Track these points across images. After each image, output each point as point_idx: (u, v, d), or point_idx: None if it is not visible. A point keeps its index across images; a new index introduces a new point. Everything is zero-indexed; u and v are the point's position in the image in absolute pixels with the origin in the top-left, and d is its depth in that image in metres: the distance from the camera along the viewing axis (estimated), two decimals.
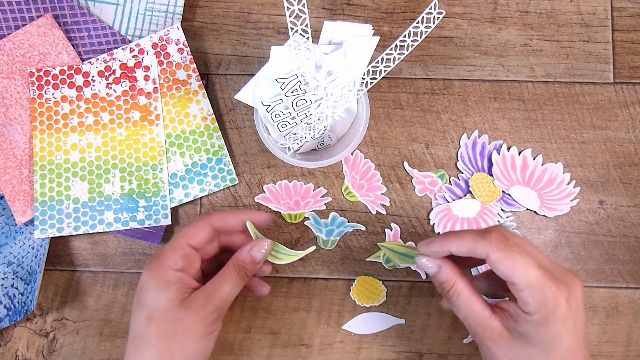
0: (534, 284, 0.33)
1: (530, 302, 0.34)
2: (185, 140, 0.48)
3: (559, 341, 0.33)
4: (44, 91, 0.47)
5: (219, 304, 0.37)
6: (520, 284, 0.34)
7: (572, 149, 0.48)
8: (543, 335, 0.34)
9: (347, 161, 0.48)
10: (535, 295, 0.33)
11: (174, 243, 0.39)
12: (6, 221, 0.47)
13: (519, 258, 0.34)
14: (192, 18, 0.50)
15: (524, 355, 0.34)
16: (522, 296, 0.34)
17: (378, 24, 0.49)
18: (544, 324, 0.33)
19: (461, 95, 0.49)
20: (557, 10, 0.49)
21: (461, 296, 0.36)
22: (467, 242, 0.35)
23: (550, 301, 0.33)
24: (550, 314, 0.33)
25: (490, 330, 0.35)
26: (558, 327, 0.33)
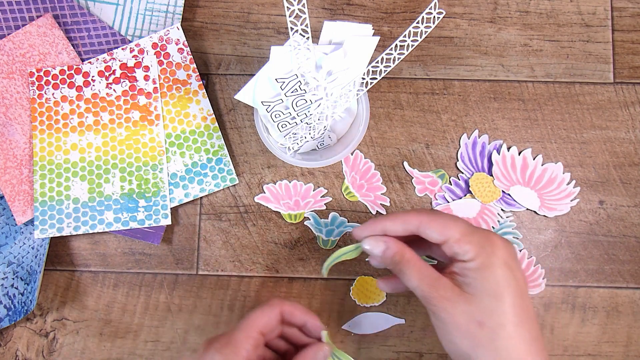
0: (467, 231, 0.35)
1: (468, 249, 0.35)
2: (185, 140, 0.48)
3: (508, 284, 0.34)
4: (44, 91, 0.47)
5: None
6: (455, 235, 0.35)
7: (572, 149, 0.48)
8: (491, 279, 0.34)
9: (347, 161, 0.48)
10: (472, 241, 0.35)
11: (247, 330, 0.37)
12: (6, 221, 0.47)
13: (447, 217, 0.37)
14: (192, 18, 0.50)
15: (480, 307, 0.34)
16: (460, 246, 0.35)
17: (378, 24, 0.49)
18: (488, 267, 0.34)
19: (461, 95, 0.49)
20: (557, 10, 0.49)
21: (411, 263, 0.37)
22: (399, 217, 0.37)
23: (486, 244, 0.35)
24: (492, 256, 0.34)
25: (444, 288, 0.35)
26: (503, 270, 0.34)
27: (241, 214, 0.48)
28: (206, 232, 0.48)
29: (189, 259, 0.48)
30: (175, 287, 0.48)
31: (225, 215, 0.48)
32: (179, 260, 0.48)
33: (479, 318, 0.34)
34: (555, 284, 0.47)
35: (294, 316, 0.40)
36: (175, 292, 0.48)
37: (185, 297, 0.47)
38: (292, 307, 0.40)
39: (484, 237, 0.35)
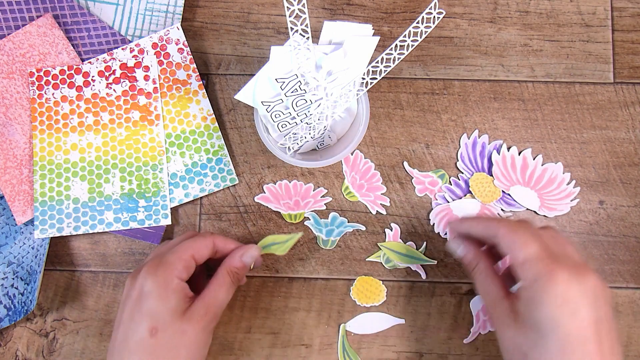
0: (531, 258, 0.34)
1: (526, 277, 0.33)
2: (185, 140, 0.48)
3: (556, 325, 0.32)
4: (44, 91, 0.47)
5: (217, 311, 0.38)
6: (519, 258, 0.34)
7: (572, 149, 0.48)
8: (536, 315, 0.32)
9: (347, 161, 0.48)
10: (530, 269, 0.33)
11: (180, 253, 0.38)
12: (6, 221, 0.47)
13: (522, 234, 0.35)
14: (192, 18, 0.50)
15: (526, 339, 0.33)
16: (519, 272, 0.34)
17: (378, 24, 0.49)
18: (536, 302, 0.32)
19: (461, 95, 0.49)
20: (557, 10, 0.49)
21: (482, 275, 0.38)
22: (483, 222, 0.38)
23: (543, 277, 0.32)
24: (543, 291, 0.32)
25: (501, 310, 0.35)
26: (552, 309, 0.32)
27: (241, 214, 0.48)
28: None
29: None
30: None
31: (225, 215, 0.48)
32: None
33: (524, 349, 0.33)
34: None
35: (226, 248, 0.41)
36: None
37: None
38: (225, 240, 0.41)
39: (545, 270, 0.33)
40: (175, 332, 0.36)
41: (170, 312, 0.36)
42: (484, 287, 0.37)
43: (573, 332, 0.32)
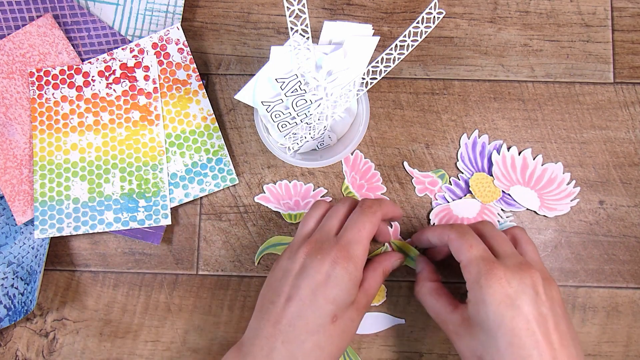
0: (473, 259, 0.35)
1: (468, 278, 0.35)
2: (185, 140, 0.48)
3: (501, 322, 0.33)
4: (44, 91, 0.47)
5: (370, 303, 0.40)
6: (464, 261, 0.36)
7: (572, 149, 0.48)
8: (482, 315, 0.34)
9: (347, 161, 0.48)
10: (472, 270, 0.35)
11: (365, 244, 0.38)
12: (6, 221, 0.47)
13: (469, 239, 0.37)
14: (192, 18, 0.50)
15: (478, 342, 0.34)
16: (465, 274, 0.36)
17: (378, 24, 0.49)
18: (480, 302, 0.34)
19: (461, 95, 0.49)
20: (557, 10, 0.49)
21: (428, 295, 0.40)
22: (437, 230, 0.40)
23: (483, 276, 0.34)
24: (484, 290, 0.33)
25: (453, 322, 0.36)
26: (495, 306, 0.33)
27: (241, 214, 0.48)
28: (206, 232, 0.48)
29: (189, 259, 0.48)
30: (175, 287, 0.48)
31: (225, 215, 0.48)
32: (179, 260, 0.48)
33: (478, 353, 0.34)
34: None
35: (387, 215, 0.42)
36: (175, 292, 0.48)
37: (185, 297, 0.47)
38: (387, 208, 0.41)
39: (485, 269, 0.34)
40: (348, 319, 0.37)
41: (349, 302, 0.37)
42: (433, 305, 0.39)
43: (518, 326, 0.33)
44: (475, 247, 0.36)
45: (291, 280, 0.37)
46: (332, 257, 0.37)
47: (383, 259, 0.42)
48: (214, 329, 0.47)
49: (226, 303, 0.47)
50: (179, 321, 0.47)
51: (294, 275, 0.37)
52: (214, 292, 0.47)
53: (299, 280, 0.37)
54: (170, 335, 0.47)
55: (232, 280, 0.48)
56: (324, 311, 0.36)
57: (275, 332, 0.36)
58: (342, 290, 0.36)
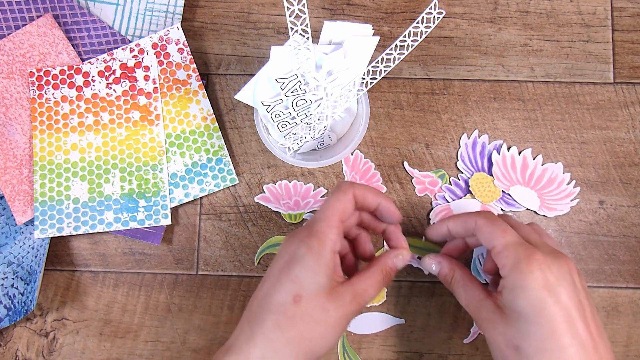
0: (509, 244, 0.34)
1: (505, 264, 0.34)
2: (185, 140, 0.48)
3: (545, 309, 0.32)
4: (44, 91, 0.47)
5: (363, 305, 0.36)
6: (498, 246, 0.35)
7: (572, 149, 0.48)
8: (521, 302, 0.33)
9: (347, 161, 0.48)
10: (509, 255, 0.34)
11: (329, 220, 0.36)
12: (6, 221, 0.47)
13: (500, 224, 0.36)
14: (192, 18, 0.50)
15: (516, 331, 0.33)
16: (499, 260, 0.34)
17: (378, 24, 0.49)
18: (521, 288, 0.33)
19: (461, 95, 0.49)
20: (557, 10, 0.49)
21: (460, 283, 0.38)
22: (461, 217, 0.39)
23: (522, 261, 0.33)
24: (525, 276, 0.32)
25: (486, 310, 0.35)
26: (535, 292, 0.32)
27: (241, 214, 0.48)
28: (206, 232, 0.48)
29: (189, 259, 0.48)
30: (175, 287, 0.48)
31: (225, 215, 0.48)
32: (179, 260, 0.48)
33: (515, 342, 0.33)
34: None
35: (366, 200, 0.39)
36: (175, 292, 0.48)
37: (185, 297, 0.47)
38: (363, 189, 0.39)
39: (523, 254, 0.33)
40: (318, 306, 0.34)
41: (318, 286, 0.34)
42: (466, 294, 0.37)
43: (559, 314, 0.32)
44: (509, 232, 0.35)
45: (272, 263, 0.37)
46: (299, 237, 0.36)
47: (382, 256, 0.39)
48: (214, 329, 0.47)
49: (226, 303, 0.47)
50: (179, 321, 0.47)
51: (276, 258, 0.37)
52: (214, 292, 0.47)
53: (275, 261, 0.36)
54: (170, 335, 0.47)
55: (232, 280, 0.48)
56: (285, 289, 0.34)
57: (246, 314, 0.36)
58: (303, 267, 0.35)
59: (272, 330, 0.34)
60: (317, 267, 0.35)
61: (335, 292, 0.35)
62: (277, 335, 0.34)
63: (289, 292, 0.34)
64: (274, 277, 0.35)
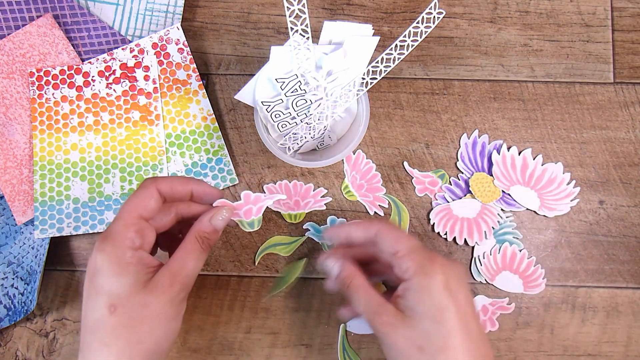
0: (414, 249, 0.35)
1: (408, 267, 0.35)
2: (185, 140, 0.48)
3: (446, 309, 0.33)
4: (44, 91, 0.47)
5: (186, 281, 0.35)
6: (402, 250, 0.35)
7: (572, 149, 0.48)
8: (428, 302, 0.34)
9: (348, 160, 0.48)
10: (414, 259, 0.35)
11: (125, 218, 0.34)
12: (6, 221, 0.47)
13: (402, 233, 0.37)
14: (192, 18, 0.50)
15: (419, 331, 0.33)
16: (403, 262, 0.35)
17: (378, 24, 0.49)
18: (425, 289, 0.34)
19: (461, 95, 0.49)
20: (557, 10, 0.49)
21: (359, 288, 0.37)
22: (362, 224, 0.38)
23: (427, 264, 0.34)
24: (430, 277, 0.34)
25: (386, 314, 0.35)
26: (440, 294, 0.33)
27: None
28: None
29: None
30: None
31: None
32: None
33: (418, 342, 0.33)
34: (555, 284, 0.47)
35: (175, 190, 0.37)
36: None
37: None
38: (167, 179, 0.37)
39: (426, 257, 0.35)
40: (136, 305, 0.33)
41: (128, 286, 0.33)
42: (364, 299, 0.37)
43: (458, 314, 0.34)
44: (412, 238, 0.36)
45: None
46: (95, 247, 0.34)
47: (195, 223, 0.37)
48: (214, 329, 0.47)
49: (226, 303, 0.47)
50: None
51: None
52: (214, 292, 0.47)
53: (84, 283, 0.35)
54: None
55: (232, 280, 0.48)
56: (97, 304, 0.33)
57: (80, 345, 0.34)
58: (105, 275, 0.33)
59: (99, 350, 0.33)
60: (119, 270, 0.33)
61: (151, 283, 0.34)
62: (105, 353, 0.32)
63: (102, 306, 0.33)
64: (85, 296, 0.34)
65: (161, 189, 0.36)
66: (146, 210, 0.35)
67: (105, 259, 0.33)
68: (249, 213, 0.39)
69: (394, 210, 0.48)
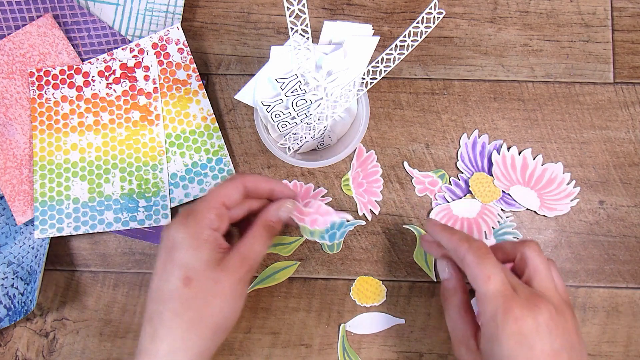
0: (489, 294, 0.34)
1: (484, 311, 0.33)
2: (185, 140, 0.48)
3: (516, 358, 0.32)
4: (44, 91, 0.47)
5: (253, 264, 0.37)
6: (479, 293, 0.34)
7: (572, 149, 0.48)
8: (497, 352, 0.33)
9: (359, 155, 0.48)
10: (487, 306, 0.33)
11: (209, 201, 0.37)
12: (6, 221, 0.47)
13: (487, 267, 0.34)
14: (192, 18, 0.50)
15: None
16: (480, 306, 0.34)
17: (378, 24, 0.49)
18: (495, 340, 0.33)
19: (461, 95, 0.49)
20: (557, 10, 0.49)
21: (457, 308, 0.37)
22: (455, 238, 0.37)
23: (500, 314, 0.33)
24: (500, 328, 0.32)
25: (467, 350, 0.35)
26: (510, 345, 0.32)
27: None
28: None
29: None
30: None
31: None
32: None
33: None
34: None
35: (258, 187, 0.40)
36: None
37: None
38: (254, 178, 0.40)
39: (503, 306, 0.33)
40: (209, 280, 0.35)
41: (204, 262, 0.35)
42: (457, 322, 0.37)
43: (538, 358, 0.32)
44: (493, 278, 0.34)
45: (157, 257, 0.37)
46: (175, 222, 0.36)
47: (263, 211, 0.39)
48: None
49: None
50: None
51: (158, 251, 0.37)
52: None
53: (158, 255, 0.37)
54: None
55: None
56: (173, 275, 0.35)
57: (145, 314, 0.36)
58: (184, 249, 0.35)
59: (171, 319, 0.34)
60: (197, 245, 0.35)
61: (223, 261, 0.36)
62: (177, 322, 0.34)
63: (177, 278, 0.35)
64: (160, 268, 0.36)
65: (247, 184, 0.39)
66: (229, 200, 0.38)
67: (185, 233, 0.35)
68: (314, 222, 0.41)
69: None
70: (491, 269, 0.34)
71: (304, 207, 0.41)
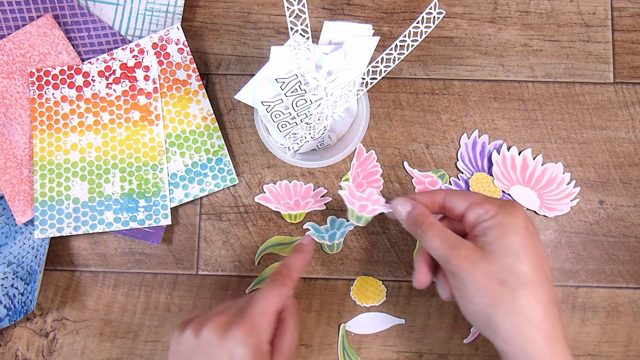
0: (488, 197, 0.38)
1: (490, 208, 0.36)
2: (185, 140, 0.48)
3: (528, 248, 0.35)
4: (44, 91, 0.47)
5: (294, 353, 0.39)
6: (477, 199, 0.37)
7: (572, 149, 0.48)
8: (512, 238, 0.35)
9: (359, 155, 0.48)
10: (494, 202, 0.36)
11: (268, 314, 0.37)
12: (6, 221, 0.47)
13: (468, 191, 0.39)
14: (192, 18, 0.50)
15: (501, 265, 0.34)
16: (482, 206, 0.36)
17: (378, 24, 0.49)
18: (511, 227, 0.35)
19: (461, 95, 0.49)
20: (557, 10, 0.49)
21: (434, 225, 0.38)
22: (427, 193, 0.40)
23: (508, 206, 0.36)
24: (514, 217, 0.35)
25: (465, 249, 0.35)
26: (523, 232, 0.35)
27: (241, 214, 0.48)
28: (206, 232, 0.48)
29: (189, 259, 0.48)
30: (175, 287, 0.48)
31: (225, 215, 0.48)
32: (179, 260, 0.48)
33: (500, 277, 0.34)
34: (555, 284, 0.47)
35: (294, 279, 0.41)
36: (175, 292, 0.48)
37: (185, 297, 0.47)
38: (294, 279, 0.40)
39: (505, 201, 0.37)
40: None
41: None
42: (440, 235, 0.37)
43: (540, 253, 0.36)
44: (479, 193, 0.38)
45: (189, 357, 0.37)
46: (236, 334, 0.36)
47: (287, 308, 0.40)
48: None
49: None
50: (178, 321, 0.47)
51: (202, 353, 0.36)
52: (214, 292, 0.47)
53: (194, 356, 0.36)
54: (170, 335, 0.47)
55: (232, 280, 0.48)
56: None
57: None
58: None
59: None
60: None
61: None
62: None
63: None
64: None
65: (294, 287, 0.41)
66: (280, 306, 0.38)
67: (248, 352, 0.35)
68: (363, 208, 0.41)
69: None
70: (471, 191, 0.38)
71: (357, 192, 0.41)
